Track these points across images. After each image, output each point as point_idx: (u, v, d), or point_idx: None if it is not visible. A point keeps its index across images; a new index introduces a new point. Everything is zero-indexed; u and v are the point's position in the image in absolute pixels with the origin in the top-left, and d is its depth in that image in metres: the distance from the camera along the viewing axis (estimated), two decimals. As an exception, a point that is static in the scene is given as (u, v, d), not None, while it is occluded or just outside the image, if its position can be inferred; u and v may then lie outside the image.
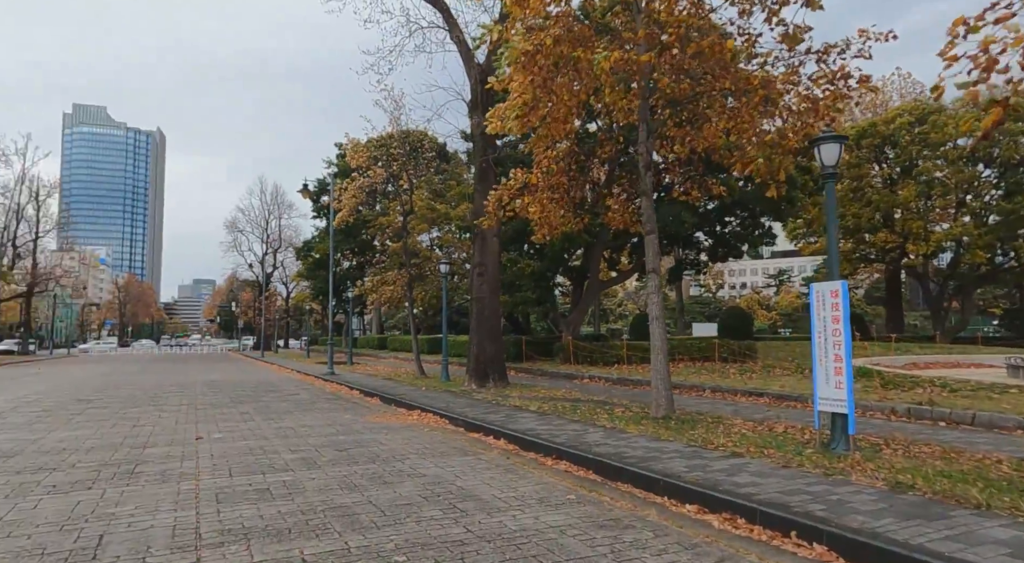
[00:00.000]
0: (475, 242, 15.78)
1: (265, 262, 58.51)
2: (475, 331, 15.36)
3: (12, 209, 45.56)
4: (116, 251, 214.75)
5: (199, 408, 12.65)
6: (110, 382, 20.39)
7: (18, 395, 15.81)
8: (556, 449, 7.43)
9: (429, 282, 30.64)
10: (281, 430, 9.62)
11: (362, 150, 19.86)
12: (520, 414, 10.44)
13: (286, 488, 5.88)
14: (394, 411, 12.40)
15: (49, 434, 9.16)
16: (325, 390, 17.50)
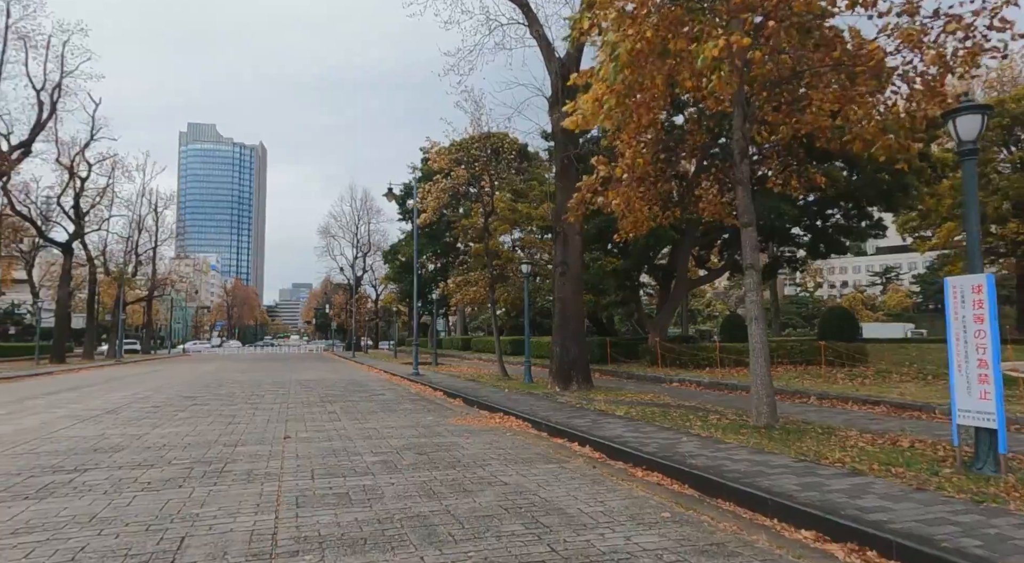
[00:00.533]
0: (557, 241, 15.37)
1: (355, 266, 60.88)
2: (558, 332, 14.94)
3: (134, 220, 49.88)
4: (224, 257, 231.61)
5: (290, 407, 13.03)
6: (214, 380, 21.66)
7: (135, 391, 17.02)
8: (647, 459, 6.88)
9: (511, 283, 30.58)
10: (365, 431, 9.63)
11: (444, 153, 19.99)
12: (606, 419, 9.91)
13: (365, 493, 5.72)
14: (476, 413, 12.21)
15: (154, 430, 9.63)
16: (409, 391, 17.67)
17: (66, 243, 37.94)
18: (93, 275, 42.65)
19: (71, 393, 16.83)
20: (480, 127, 19.62)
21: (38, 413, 12.08)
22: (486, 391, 15.40)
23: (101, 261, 45.59)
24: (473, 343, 42.20)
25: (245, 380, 21.63)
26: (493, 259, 21.36)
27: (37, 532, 4.51)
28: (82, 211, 38.61)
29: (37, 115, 29.25)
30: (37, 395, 16.28)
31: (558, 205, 15.33)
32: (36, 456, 7.44)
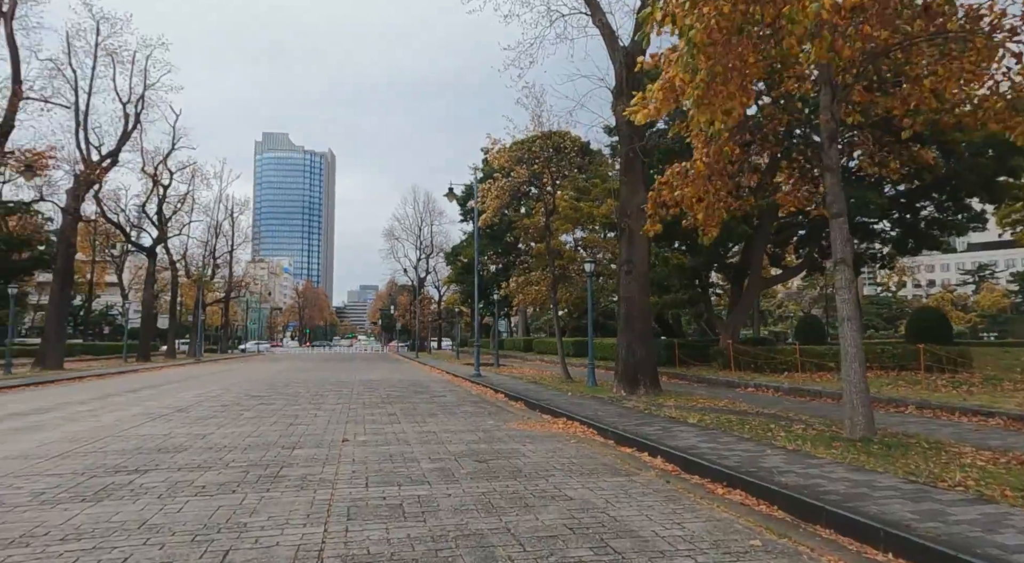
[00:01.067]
0: (622, 238, 14.70)
1: (418, 267, 61.72)
2: (623, 333, 14.26)
3: (212, 226, 52.40)
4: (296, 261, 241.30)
5: (351, 408, 12.96)
6: (283, 379, 22.16)
7: (207, 390, 17.54)
8: (728, 474, 6.20)
9: (573, 283, 29.92)
10: (423, 435, 9.33)
11: (504, 152, 19.65)
12: (678, 427, 9.22)
13: (420, 505, 5.35)
14: (538, 418, 11.73)
15: (218, 430, 9.68)
16: (471, 392, 17.40)
17: (150, 248, 40.18)
18: (175, 278, 45.00)
19: (150, 390, 17.53)
20: (541, 124, 19.16)
21: (116, 410, 12.50)
22: (548, 394, 14.91)
23: (182, 265, 48.10)
24: (535, 344, 41.76)
25: (311, 380, 22.02)
26: (555, 259, 20.82)
27: (85, 539, 4.37)
28: (164, 217, 40.79)
29: (123, 126, 31.01)
30: (120, 392, 17.02)
31: (622, 201, 14.66)
32: (104, 455, 7.52)
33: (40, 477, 6.28)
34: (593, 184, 36.21)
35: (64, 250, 27.51)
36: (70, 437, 8.93)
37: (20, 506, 5.19)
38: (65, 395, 16.14)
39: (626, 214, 14.32)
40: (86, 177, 27.75)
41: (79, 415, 11.68)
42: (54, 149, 23.35)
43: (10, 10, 22.65)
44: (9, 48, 22.88)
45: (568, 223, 34.09)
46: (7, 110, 22.58)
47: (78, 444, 8.32)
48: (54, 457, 7.38)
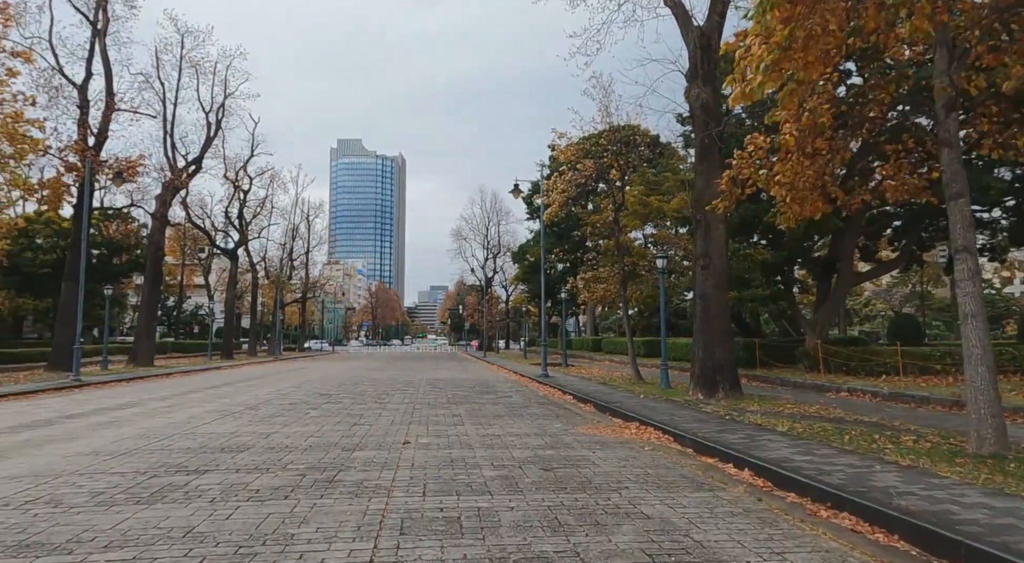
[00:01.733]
0: (697, 231, 13.75)
1: (486, 267, 61.86)
2: (700, 332, 13.32)
3: (289, 229, 54.48)
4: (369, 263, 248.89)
5: (416, 408, 12.72)
6: (352, 378, 22.42)
7: (280, 388, 17.88)
8: (832, 494, 5.36)
9: (643, 281, 28.82)
10: (487, 438, 8.88)
11: (571, 146, 19.01)
12: (766, 436, 8.32)
13: (479, 519, 4.87)
14: (609, 422, 11.05)
15: (283, 429, 9.61)
16: (537, 393, 16.89)
17: (232, 250, 42.11)
18: (255, 279, 47.03)
19: (227, 387, 18.06)
20: (609, 115, 18.40)
21: (192, 407, 12.81)
22: (619, 396, 14.17)
23: (262, 267, 50.25)
24: (604, 344, 40.75)
25: (380, 378, 22.16)
26: (623, 255, 19.97)
27: (129, 547, 4.15)
28: (245, 221, 42.67)
29: (206, 134, 32.54)
30: (200, 389, 17.62)
31: (698, 191, 13.72)
32: (169, 453, 7.50)
33: (104, 476, 6.25)
34: (664, 178, 34.86)
35: (153, 253, 29.10)
36: (143, 433, 9.07)
37: (75, 507, 5.09)
38: (150, 391, 16.85)
39: (702, 205, 13.36)
40: (172, 183, 29.24)
41: (157, 411, 12.01)
42: (143, 157, 24.69)
43: (103, 27, 24.11)
44: (103, 63, 24.39)
45: (637, 219, 32.89)
46: (101, 122, 24.04)
47: (148, 441, 8.40)
48: (123, 454, 7.42)
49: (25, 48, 18.29)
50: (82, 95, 23.70)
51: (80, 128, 23.23)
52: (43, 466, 6.70)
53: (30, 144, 17.89)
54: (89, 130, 23.51)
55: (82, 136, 23.13)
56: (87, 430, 9.43)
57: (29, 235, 38.69)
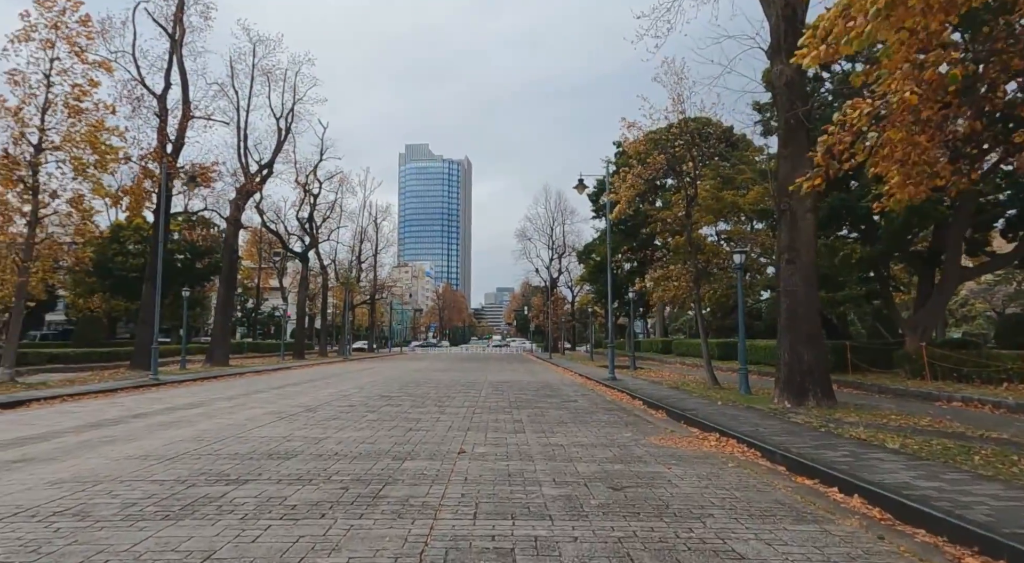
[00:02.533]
0: (781, 222, 12.46)
1: (551, 267, 61.03)
2: (785, 333, 12.04)
3: (357, 232, 55.65)
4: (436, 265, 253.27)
5: (476, 413, 12.12)
6: (415, 379, 22.19)
7: (342, 389, 17.78)
8: (980, 535, 4.27)
9: (716, 280, 27.26)
10: (549, 449, 8.12)
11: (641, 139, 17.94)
12: (874, 454, 7.14)
13: (536, 551, 4.13)
14: (684, 431, 10.05)
15: (336, 434, 9.21)
16: (605, 397, 15.96)
17: (303, 253, 43.25)
18: (325, 281, 48.22)
19: (292, 387, 18.15)
20: (681, 102, 17.20)
21: (253, 407, 12.73)
22: (694, 402, 13.06)
23: (332, 268, 51.50)
24: (674, 346, 39.05)
25: (443, 380, 21.81)
26: (696, 252, 18.71)
27: (137, 573, 3.67)
28: (315, 224, 43.75)
29: (277, 139, 33.46)
30: (266, 389, 17.77)
31: (781, 178, 12.43)
32: (214, 459, 7.18)
33: (143, 483, 5.94)
34: (738, 171, 33.02)
35: (227, 256, 30.11)
36: (198, 435, 8.88)
37: (101, 521, 4.72)
38: (219, 390, 17.11)
39: (786, 193, 12.08)
40: (245, 188, 30.15)
41: (219, 412, 11.96)
42: (216, 163, 25.51)
43: (180, 38, 25.09)
44: (180, 73, 25.38)
45: (710, 215, 31.28)
46: (178, 130, 25.01)
47: (200, 444, 8.16)
48: (170, 459, 7.16)
49: (106, 59, 19.10)
50: (161, 105, 24.71)
51: (159, 136, 24.20)
52: (89, 470, 6.50)
53: (111, 152, 18.60)
54: (167, 138, 24.48)
55: (161, 143, 24.09)
56: (146, 431, 9.37)
57: (120, 241, 41.17)
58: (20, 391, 15.28)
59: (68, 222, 18.14)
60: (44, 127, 17.41)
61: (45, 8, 17.71)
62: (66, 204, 17.97)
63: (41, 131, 17.37)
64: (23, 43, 17.47)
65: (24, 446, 8.07)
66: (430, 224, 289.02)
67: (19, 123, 17.11)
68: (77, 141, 17.86)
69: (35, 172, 17.13)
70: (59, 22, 17.85)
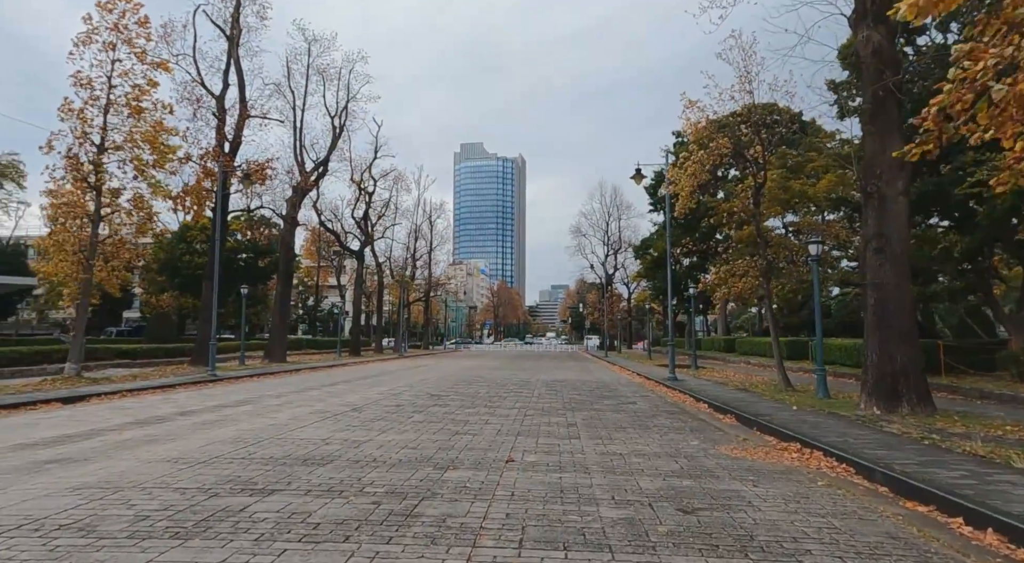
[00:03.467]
0: (867, 207, 11.13)
1: (606, 264, 59.69)
2: (874, 331, 10.73)
3: (412, 230, 55.94)
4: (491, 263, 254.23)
5: (528, 415, 11.39)
6: (467, 377, 21.68)
7: (392, 387, 17.42)
8: None
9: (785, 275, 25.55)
10: (607, 459, 7.30)
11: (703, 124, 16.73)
12: (1002, 476, 5.98)
13: (593, 600, 3.35)
14: (759, 440, 9.00)
15: (378, 437, 8.67)
16: (666, 399, 14.94)
17: (358, 251, 43.67)
18: (380, 278, 48.62)
19: (343, 385, 17.94)
20: (749, 81, 15.93)
21: (300, 406, 12.44)
22: (766, 406, 11.91)
23: (387, 266, 51.91)
24: (738, 344, 37.17)
25: (495, 378, 21.22)
26: (766, 244, 17.31)
27: (119, 612, 3.12)
28: (370, 222, 44.11)
29: (332, 137, 33.73)
30: (317, 386, 17.63)
31: (868, 157, 11.11)
32: (246, 464, 6.73)
33: (164, 492, 5.50)
34: (807, 158, 30.94)
35: (284, 254, 30.52)
36: (237, 436, 8.53)
37: (105, 538, 4.25)
38: (272, 387, 17.07)
39: (874, 175, 10.78)
40: (301, 186, 30.47)
41: (265, 410, 11.70)
42: (271, 161, 25.77)
43: (236, 38, 25.47)
44: (237, 73, 25.76)
45: (776, 205, 29.40)
46: (236, 129, 25.40)
47: (237, 446, 7.77)
48: (201, 463, 6.76)
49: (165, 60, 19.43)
50: (219, 104, 25.15)
51: (217, 135, 24.62)
52: (115, 475, 6.14)
53: (169, 151, 18.89)
54: (225, 137, 24.89)
55: (219, 143, 24.51)
56: (188, 430, 9.10)
57: (187, 240, 42.66)
58: (83, 386, 15.63)
59: (130, 221, 18.48)
60: (106, 127, 17.80)
61: (106, 11, 18.11)
62: (127, 203, 18.33)
63: (103, 131, 17.77)
64: (86, 46, 17.90)
65: (64, 445, 7.90)
66: (485, 222, 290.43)
67: (83, 123, 17.55)
68: (137, 141, 18.20)
69: (98, 171, 17.52)
70: (120, 24, 18.22)
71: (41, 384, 15.49)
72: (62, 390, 14.53)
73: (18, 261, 41.37)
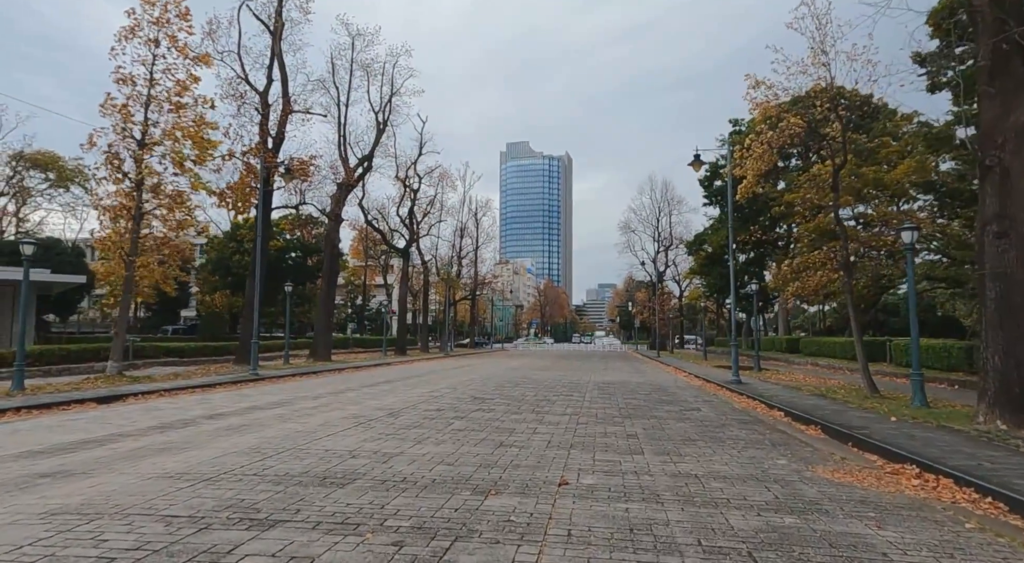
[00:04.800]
0: (985, 183, 9.43)
1: (656, 261, 57.62)
2: (996, 330, 9.03)
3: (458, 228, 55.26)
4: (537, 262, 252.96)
5: (580, 422, 10.19)
6: (513, 378, 20.58)
7: (434, 389, 16.48)
8: None
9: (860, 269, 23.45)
10: (680, 482, 6.04)
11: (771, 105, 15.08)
12: None
13: None
14: (859, 459, 7.54)
15: (411, 448, 7.65)
16: (732, 405, 13.46)
17: (404, 249, 43.23)
18: (426, 277, 48.10)
19: (384, 386, 17.13)
20: (824, 53, 14.24)
21: (334, 409, 11.61)
22: (856, 417, 10.33)
23: (433, 263, 51.39)
24: (802, 345, 34.79)
25: (543, 379, 20.05)
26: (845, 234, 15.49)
27: None
28: (416, 219, 43.60)
29: (376, 133, 33.24)
30: (357, 387, 16.87)
31: (987, 125, 9.40)
32: (256, 482, 5.79)
33: (146, 522, 4.58)
34: (881, 143, 28.49)
35: (329, 251, 30.15)
36: (257, 445, 7.66)
37: (43, 591, 3.31)
38: (311, 388, 16.40)
39: (995, 144, 9.10)
40: (345, 182, 30.05)
41: (297, 414, 10.90)
42: (315, 157, 25.32)
43: (279, 32, 25.12)
44: (279, 67, 25.42)
45: (846, 194, 27.13)
46: (279, 124, 25.05)
47: (253, 458, 6.88)
48: (207, 479, 5.86)
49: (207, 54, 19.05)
50: (263, 100, 24.85)
51: (261, 131, 24.32)
52: (102, 496, 5.29)
53: (210, 146, 18.51)
54: (268, 133, 24.57)
55: (263, 139, 24.19)
56: (208, 437, 8.31)
57: (237, 239, 43.14)
58: (124, 385, 15.30)
59: (171, 218, 18.18)
60: (147, 122, 17.52)
61: (149, 4, 17.82)
62: (168, 199, 18.03)
63: (144, 126, 17.49)
64: (128, 41, 17.66)
65: (72, 453, 7.19)
66: (531, 221, 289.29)
67: (125, 119, 17.30)
68: (178, 137, 17.87)
69: (138, 166, 17.25)
70: (162, 18, 17.92)
71: (82, 383, 15.25)
72: (101, 389, 14.19)
73: (79, 261, 42.78)
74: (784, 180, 32.27)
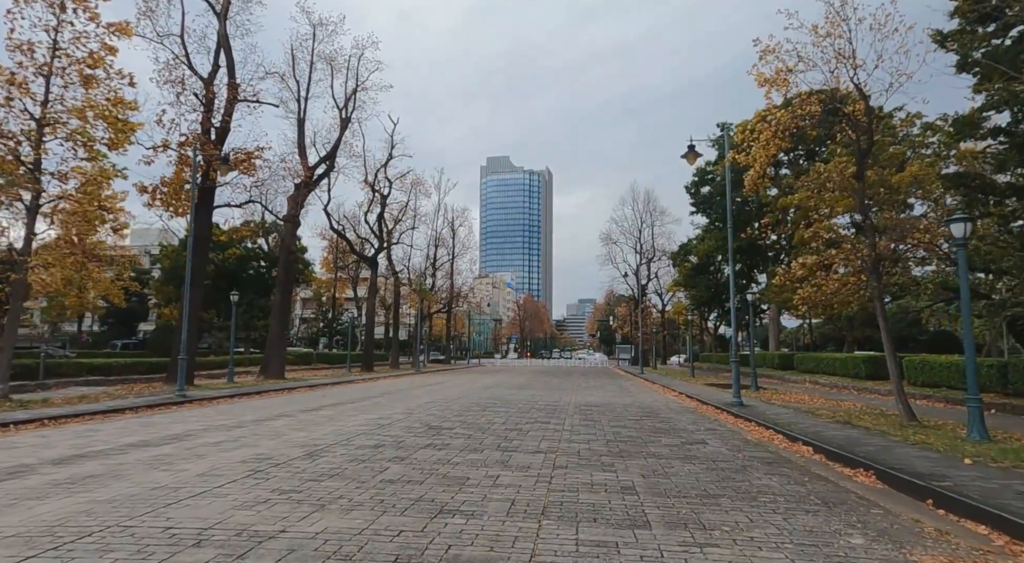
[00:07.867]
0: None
1: (639, 273, 55.56)
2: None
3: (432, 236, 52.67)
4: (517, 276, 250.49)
5: (559, 466, 7.64)
6: (482, 399, 17.96)
7: (384, 414, 13.85)
8: None
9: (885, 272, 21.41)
10: (730, 606, 3.53)
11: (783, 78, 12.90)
12: None
13: None
14: (959, 529, 5.13)
15: (297, 524, 5.04)
16: (741, 434, 11.06)
17: (372, 257, 40.48)
18: (397, 287, 45.31)
19: (327, 410, 14.44)
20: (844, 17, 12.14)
21: (242, 447, 8.94)
22: (912, 455, 7.96)
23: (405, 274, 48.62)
24: (797, 361, 32.68)
25: (516, 401, 17.47)
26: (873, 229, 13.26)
27: None
28: (386, 226, 40.92)
29: (339, 129, 30.68)
30: (295, 412, 14.18)
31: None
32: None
33: None
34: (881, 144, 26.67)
35: (284, 257, 27.38)
36: (61, 519, 5.01)
37: None
38: (239, 413, 13.67)
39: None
40: (304, 182, 27.39)
41: (183, 455, 8.21)
42: (261, 149, 22.63)
43: (223, 9, 22.54)
44: (225, 51, 22.80)
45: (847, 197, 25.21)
46: (224, 112, 22.38)
47: (29, 548, 4.22)
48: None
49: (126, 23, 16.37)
50: (207, 86, 22.21)
51: (204, 121, 21.64)
52: None
53: (127, 127, 15.80)
54: (211, 124, 21.90)
55: (205, 129, 21.51)
56: (22, 497, 5.62)
57: (192, 248, 40.04)
58: (3, 411, 12.46)
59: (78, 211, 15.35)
60: (48, 98, 14.80)
61: (53, -38, 15.18)
62: (74, 190, 15.24)
63: (44, 104, 14.76)
64: (27, 2, 14.97)
65: None
66: (511, 236, 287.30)
67: (22, 92, 14.57)
68: (87, 116, 15.17)
69: (37, 150, 14.50)
70: (70, -22, 15.28)
71: (-54, 409, 12.34)
72: (-38, 418, 11.31)
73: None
74: (776, 186, 30.37)
